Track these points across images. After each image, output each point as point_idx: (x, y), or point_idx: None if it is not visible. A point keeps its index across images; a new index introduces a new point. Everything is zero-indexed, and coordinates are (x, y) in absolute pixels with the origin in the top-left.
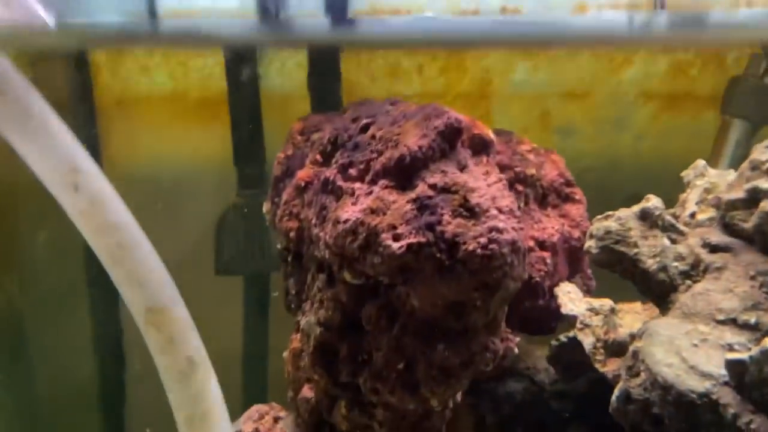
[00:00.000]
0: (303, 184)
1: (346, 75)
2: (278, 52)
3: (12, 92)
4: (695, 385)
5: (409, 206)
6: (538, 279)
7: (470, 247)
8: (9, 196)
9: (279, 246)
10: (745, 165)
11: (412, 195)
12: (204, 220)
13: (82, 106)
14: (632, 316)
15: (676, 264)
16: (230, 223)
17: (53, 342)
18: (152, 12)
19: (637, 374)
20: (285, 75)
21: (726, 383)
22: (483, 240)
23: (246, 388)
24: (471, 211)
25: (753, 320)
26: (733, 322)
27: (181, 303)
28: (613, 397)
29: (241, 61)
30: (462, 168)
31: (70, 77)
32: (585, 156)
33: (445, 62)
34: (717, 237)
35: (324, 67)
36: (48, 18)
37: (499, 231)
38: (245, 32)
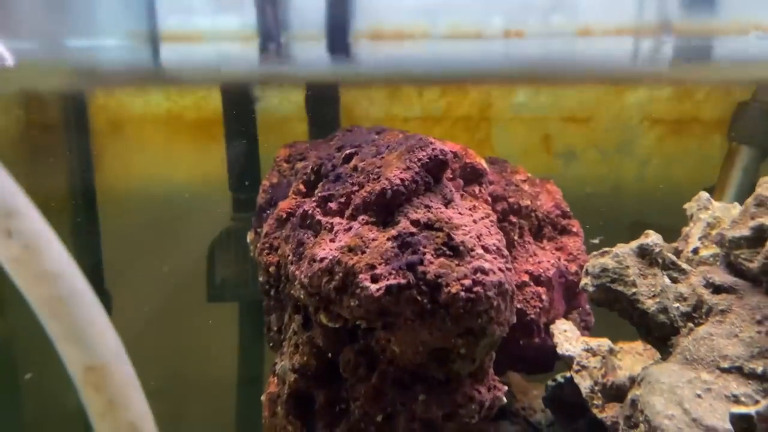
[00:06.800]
0: (284, 215)
1: (345, 97)
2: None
3: None
4: None
5: (389, 244)
6: (533, 316)
7: (453, 290)
8: None
9: (261, 279)
10: (749, 201)
11: (393, 232)
12: (198, 244)
13: (76, 127)
14: (632, 358)
15: (677, 305)
16: (223, 248)
17: (41, 370)
18: (153, 35)
19: (636, 425)
20: (283, 97)
21: None
22: (467, 282)
23: (239, 416)
24: (455, 250)
25: (760, 369)
26: (738, 370)
27: (125, 360)
28: None
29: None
30: (447, 203)
31: (65, 97)
32: (588, 181)
33: (445, 85)
34: (720, 277)
35: (322, 89)
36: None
37: (485, 272)
38: (245, 72)
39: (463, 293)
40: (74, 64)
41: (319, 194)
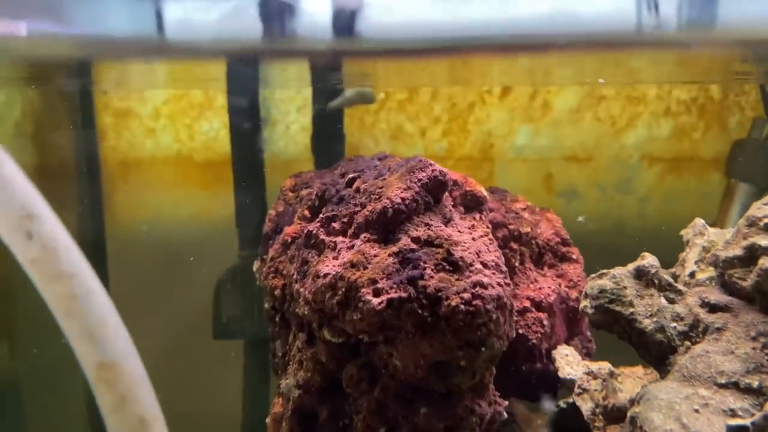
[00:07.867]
0: (290, 239)
1: (350, 138)
2: (285, 116)
3: None
4: None
5: (390, 260)
6: (534, 341)
7: (453, 303)
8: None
9: (266, 305)
10: (742, 221)
11: (394, 248)
12: (205, 281)
13: (87, 167)
14: (633, 381)
15: (674, 324)
16: (229, 285)
17: (48, 408)
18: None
19: None
20: (289, 138)
21: None
22: (466, 296)
23: None
24: (454, 265)
25: (756, 384)
26: (735, 385)
27: (135, 357)
28: None
29: (245, 125)
30: (447, 221)
31: (76, 138)
32: (589, 219)
33: (447, 126)
34: (716, 296)
35: (328, 129)
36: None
37: (484, 286)
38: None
39: (462, 306)
40: None
41: (324, 215)
